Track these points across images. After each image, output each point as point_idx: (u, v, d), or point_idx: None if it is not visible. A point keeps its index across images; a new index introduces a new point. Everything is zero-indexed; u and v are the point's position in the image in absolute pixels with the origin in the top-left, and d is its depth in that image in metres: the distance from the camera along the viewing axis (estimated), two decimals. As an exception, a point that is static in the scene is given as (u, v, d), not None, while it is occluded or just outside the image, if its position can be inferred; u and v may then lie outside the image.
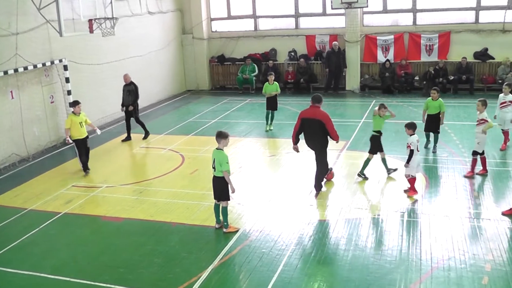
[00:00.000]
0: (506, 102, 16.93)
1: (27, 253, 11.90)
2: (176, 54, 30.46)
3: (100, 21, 19.92)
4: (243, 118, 23.42)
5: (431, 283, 9.64)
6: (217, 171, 11.93)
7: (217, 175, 11.99)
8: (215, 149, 12.05)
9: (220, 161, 11.86)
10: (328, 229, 11.99)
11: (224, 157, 11.91)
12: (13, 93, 18.51)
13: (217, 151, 12.04)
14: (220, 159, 11.88)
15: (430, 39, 26.87)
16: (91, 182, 16.25)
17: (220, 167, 11.86)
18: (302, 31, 29.41)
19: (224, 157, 11.92)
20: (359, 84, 28.03)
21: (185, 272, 10.51)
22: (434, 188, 14.13)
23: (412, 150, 13.45)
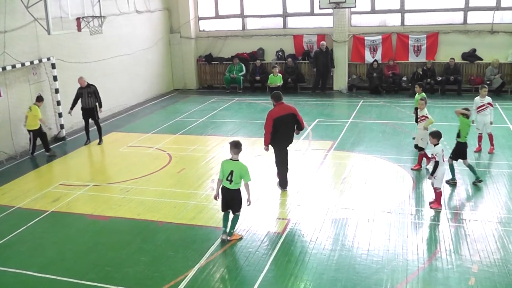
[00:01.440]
0: (485, 104, 16.79)
1: (14, 251, 11.87)
2: (164, 53, 30.41)
3: (88, 20, 19.90)
4: (230, 118, 23.44)
5: (418, 283, 9.70)
6: (235, 183, 11.28)
7: (233, 187, 11.34)
8: (230, 160, 11.43)
9: (242, 173, 11.22)
10: (315, 229, 12.02)
11: (245, 167, 11.29)
12: (1, 91, 18.44)
13: (234, 162, 11.37)
14: (241, 171, 11.23)
15: (418, 39, 26.97)
16: (79, 180, 16.21)
17: (239, 179, 11.23)
18: (289, 30, 29.43)
19: (245, 167, 11.30)
20: (347, 84, 28.09)
21: (171, 271, 10.52)
22: (421, 189, 14.19)
23: (437, 162, 12.79)
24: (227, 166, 11.34)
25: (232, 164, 11.33)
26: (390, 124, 20.57)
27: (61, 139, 21.01)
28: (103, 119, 23.56)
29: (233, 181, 11.24)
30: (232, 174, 11.21)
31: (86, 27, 19.86)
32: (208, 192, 14.66)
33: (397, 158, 16.62)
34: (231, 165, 11.31)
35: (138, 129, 22.12)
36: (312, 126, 20.82)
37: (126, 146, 19.73)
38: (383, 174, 15.43)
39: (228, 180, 11.25)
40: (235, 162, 11.34)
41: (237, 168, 11.23)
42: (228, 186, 11.33)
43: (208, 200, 14.03)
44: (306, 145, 18.42)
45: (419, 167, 15.64)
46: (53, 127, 21.08)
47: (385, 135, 19.27)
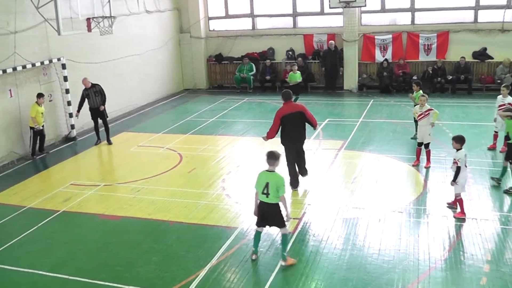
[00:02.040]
0: (505, 104, 16.61)
1: (26, 251, 11.91)
2: (174, 53, 30.44)
3: (98, 20, 19.93)
4: (241, 117, 23.43)
5: (429, 283, 9.65)
6: (272, 196, 10.29)
7: (271, 201, 10.34)
8: (265, 171, 10.46)
9: (278, 185, 10.21)
10: (326, 229, 11.99)
11: (281, 179, 10.32)
12: (12, 91, 18.52)
13: (270, 173, 10.38)
14: (277, 182, 10.23)
15: (429, 38, 26.85)
16: (89, 180, 16.24)
17: (276, 192, 10.23)
18: (300, 30, 29.38)
19: (281, 179, 10.33)
20: (357, 84, 28.00)
21: (182, 271, 10.53)
22: (432, 188, 14.13)
23: (459, 167, 12.32)
24: (262, 178, 10.45)
25: (268, 175, 10.38)
26: (400, 124, 20.50)
27: (71, 139, 21.06)
28: (113, 118, 23.65)
29: (270, 194, 10.28)
30: (267, 186, 10.29)
31: (96, 28, 19.90)
32: (218, 192, 14.68)
33: (408, 157, 16.56)
34: (267, 177, 10.38)
35: (148, 129, 22.15)
36: (323, 126, 20.77)
37: (136, 146, 19.75)
38: (393, 174, 15.38)
39: (265, 194, 10.34)
40: (271, 174, 10.37)
41: (273, 180, 10.29)
42: (265, 200, 10.41)
43: (219, 200, 14.06)
44: (317, 145, 18.39)
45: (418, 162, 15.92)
46: (64, 127, 21.12)
47: (395, 134, 19.21)
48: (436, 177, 14.94)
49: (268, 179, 10.29)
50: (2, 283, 10.67)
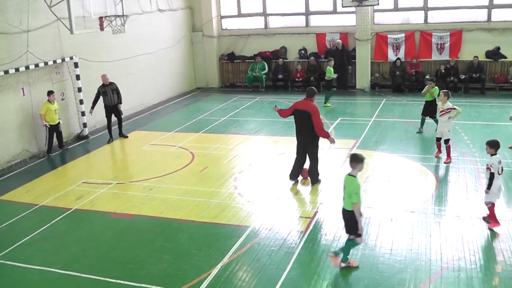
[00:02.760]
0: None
1: (38, 248, 11.98)
2: (186, 51, 30.48)
3: (111, 19, 19.96)
4: (253, 116, 23.42)
5: (441, 283, 9.61)
6: (346, 202, 10.01)
7: (346, 207, 10.04)
8: (347, 174, 10.10)
9: (350, 191, 9.86)
10: (338, 228, 11.95)
11: (355, 186, 9.84)
12: (24, 90, 18.60)
13: (349, 177, 10.01)
14: (350, 188, 9.88)
15: (442, 37, 26.74)
16: (102, 178, 16.30)
17: (349, 198, 9.88)
18: (312, 29, 29.34)
19: (356, 186, 9.85)
20: (370, 83, 27.93)
21: (194, 269, 10.54)
22: (445, 188, 14.08)
23: (492, 173, 11.70)
24: (344, 181, 10.12)
25: (347, 179, 10.05)
26: (413, 123, 20.42)
27: (84, 138, 21.13)
28: (126, 117, 23.70)
29: (344, 199, 10.07)
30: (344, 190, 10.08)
31: (109, 26, 19.94)
32: (230, 190, 14.69)
33: (420, 157, 16.53)
34: (346, 180, 10.06)
35: (160, 127, 22.18)
36: (335, 125, 20.75)
37: (148, 144, 19.79)
38: (406, 173, 15.34)
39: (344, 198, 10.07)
40: (349, 178, 9.99)
41: (348, 184, 9.97)
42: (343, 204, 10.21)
43: (231, 199, 14.07)
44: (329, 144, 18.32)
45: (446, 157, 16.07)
46: (76, 125, 21.20)
47: (408, 133, 19.15)
48: (448, 176, 14.89)
49: (346, 183, 10.04)
50: (15, 280, 10.73)
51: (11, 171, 17.62)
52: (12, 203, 14.90)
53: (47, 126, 18.56)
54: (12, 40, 18.01)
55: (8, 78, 17.83)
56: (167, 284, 10.09)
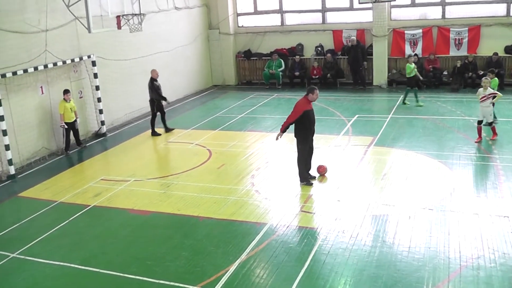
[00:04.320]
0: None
1: (57, 244, 12.09)
2: (203, 49, 30.52)
3: (128, 17, 20.03)
4: (270, 113, 23.41)
5: (460, 282, 9.54)
6: None
7: None
8: None
9: None
10: (356, 225, 11.95)
11: None
12: (43, 88, 18.74)
13: None
14: None
15: (459, 33, 26.51)
16: (120, 175, 16.38)
17: None
18: (329, 26, 29.23)
19: None
20: (387, 79, 27.81)
21: (212, 266, 10.58)
22: (464, 186, 13.99)
23: None
24: None
25: None
26: (430, 120, 20.34)
27: (101, 135, 21.25)
28: (143, 115, 23.90)
29: None
30: None
31: (126, 25, 20.00)
32: (248, 187, 14.71)
33: (438, 154, 16.44)
34: None
35: (177, 125, 22.23)
36: (352, 122, 20.70)
37: (166, 142, 19.87)
38: (424, 170, 15.27)
39: None
40: None
41: None
42: None
43: (248, 196, 14.09)
44: (346, 141, 18.33)
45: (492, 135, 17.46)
46: (94, 123, 21.32)
47: (425, 130, 19.06)
48: (466, 174, 14.81)
49: None
50: (34, 275, 10.85)
51: (31, 168, 17.77)
52: (32, 199, 15.05)
53: (65, 127, 18.71)
54: (31, 39, 18.15)
55: (27, 77, 17.96)
56: (185, 280, 10.13)
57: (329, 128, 19.57)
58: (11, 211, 14.72)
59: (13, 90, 17.48)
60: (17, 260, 11.50)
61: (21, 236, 12.58)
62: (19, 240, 12.34)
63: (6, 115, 16.89)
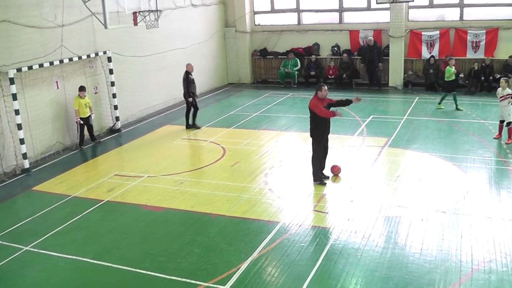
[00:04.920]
0: None
1: (70, 238, 12.19)
2: (219, 47, 30.55)
3: (144, 14, 20.06)
4: (285, 112, 23.41)
5: (471, 285, 9.51)
6: None
7: None
8: None
9: None
10: (368, 226, 11.93)
11: None
12: (58, 83, 18.83)
13: None
14: None
15: (477, 35, 26.35)
16: (133, 171, 16.44)
17: None
18: (346, 26, 29.16)
19: None
20: (402, 81, 27.70)
21: (224, 263, 10.61)
22: (477, 189, 13.94)
23: None
24: None
25: None
26: (446, 122, 20.27)
27: (116, 131, 21.32)
28: (157, 111, 24.00)
29: None
30: None
31: (142, 21, 20.04)
32: (261, 186, 14.73)
33: (452, 156, 16.37)
34: None
35: (192, 122, 22.31)
36: (367, 123, 20.66)
37: (180, 139, 19.92)
38: (437, 173, 15.22)
39: None
40: None
41: None
42: None
43: (261, 194, 14.12)
44: (360, 142, 18.30)
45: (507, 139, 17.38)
46: (109, 119, 21.42)
47: (440, 133, 19.00)
48: (480, 177, 14.75)
49: None
50: (48, 268, 10.93)
51: (45, 163, 17.89)
52: (46, 193, 15.15)
53: (80, 123, 18.83)
54: (47, 34, 18.24)
55: (43, 71, 18.07)
56: (196, 277, 10.16)
57: (344, 128, 19.53)
58: (25, 204, 14.86)
59: (29, 84, 17.59)
60: (31, 253, 11.60)
61: (35, 230, 12.68)
62: (33, 234, 12.44)
63: (21, 109, 17.00)
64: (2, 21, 16.49)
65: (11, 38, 16.86)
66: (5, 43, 16.64)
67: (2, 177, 16.54)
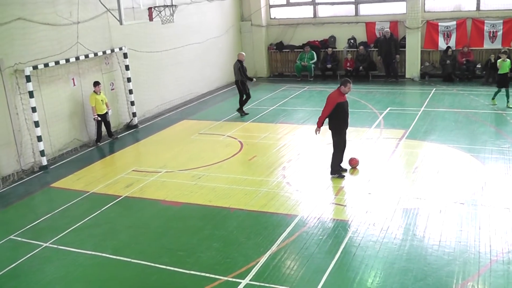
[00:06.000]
0: None
1: (89, 234, 12.28)
2: (235, 41, 30.54)
3: (160, 9, 20.09)
4: (301, 106, 23.39)
5: (490, 276, 9.49)
6: None
7: None
8: None
9: None
10: (386, 218, 11.91)
11: None
12: (75, 80, 18.93)
13: None
14: None
15: (494, 25, 26.10)
16: (151, 167, 16.50)
17: None
18: (362, 18, 29.03)
19: None
20: (419, 72, 27.56)
21: (243, 257, 10.65)
22: (495, 180, 13.85)
23: None
24: None
25: None
26: (463, 113, 20.15)
27: (133, 127, 21.40)
28: (174, 106, 24.10)
29: None
30: None
31: (158, 17, 20.07)
32: (279, 179, 14.74)
33: (470, 147, 16.28)
34: None
35: (209, 116, 22.34)
36: (384, 115, 20.59)
37: (197, 133, 19.95)
38: (455, 164, 15.15)
39: None
40: None
41: None
42: None
43: (279, 188, 14.12)
44: (378, 134, 18.25)
45: None
46: (125, 115, 21.49)
47: (458, 124, 18.89)
48: (498, 168, 14.66)
49: None
50: (67, 264, 11.02)
51: (63, 159, 18.01)
52: (64, 190, 15.27)
53: (98, 119, 18.91)
54: (63, 31, 18.33)
55: (59, 68, 18.16)
56: (216, 271, 10.20)
57: (361, 121, 19.49)
58: (43, 201, 14.98)
59: (45, 81, 17.70)
60: (50, 249, 11.70)
61: (54, 226, 12.79)
62: (52, 230, 12.55)
63: (38, 107, 17.12)
64: (17, 18, 16.60)
65: (27, 36, 16.96)
66: (21, 40, 16.75)
67: (20, 174, 16.67)
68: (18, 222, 13.22)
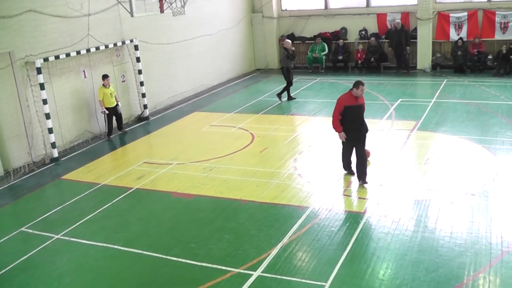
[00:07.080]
0: None
1: (101, 226, 12.32)
2: (246, 33, 30.48)
3: (171, 1, 20.04)
4: (313, 97, 23.34)
5: (502, 267, 9.46)
6: None
7: None
8: None
9: None
10: (397, 210, 11.90)
11: None
12: (86, 72, 18.97)
13: None
14: None
15: (505, 16, 25.94)
16: (162, 159, 16.54)
17: None
18: (373, 9, 28.92)
19: None
20: (431, 63, 27.45)
21: (254, 249, 10.65)
22: (507, 171, 13.79)
23: None
24: None
25: None
26: (474, 104, 20.06)
27: (144, 119, 21.43)
28: (185, 98, 24.15)
29: None
30: None
31: (169, 9, 20.02)
32: (290, 171, 14.74)
33: (482, 139, 16.21)
34: None
35: (220, 108, 22.35)
36: (395, 106, 20.53)
37: (209, 125, 19.96)
38: (467, 155, 15.09)
39: None
40: None
41: None
42: None
43: (291, 179, 14.12)
44: (389, 125, 18.21)
45: None
46: (137, 107, 21.54)
47: (469, 115, 18.81)
48: (510, 159, 14.59)
49: None
50: (79, 256, 11.07)
51: (74, 151, 18.07)
52: (75, 182, 15.33)
53: (106, 113, 18.90)
54: (74, 23, 18.35)
55: (70, 61, 18.22)
56: (227, 263, 10.22)
57: (372, 112, 19.41)
58: (55, 193, 15.06)
59: (56, 74, 17.76)
60: (62, 241, 11.76)
61: (65, 218, 12.85)
62: (63, 222, 12.61)
63: (49, 99, 17.18)
64: (28, 10, 16.64)
65: (38, 28, 17.00)
66: (31, 32, 16.78)
67: (31, 166, 16.75)
68: (29, 214, 13.29)
